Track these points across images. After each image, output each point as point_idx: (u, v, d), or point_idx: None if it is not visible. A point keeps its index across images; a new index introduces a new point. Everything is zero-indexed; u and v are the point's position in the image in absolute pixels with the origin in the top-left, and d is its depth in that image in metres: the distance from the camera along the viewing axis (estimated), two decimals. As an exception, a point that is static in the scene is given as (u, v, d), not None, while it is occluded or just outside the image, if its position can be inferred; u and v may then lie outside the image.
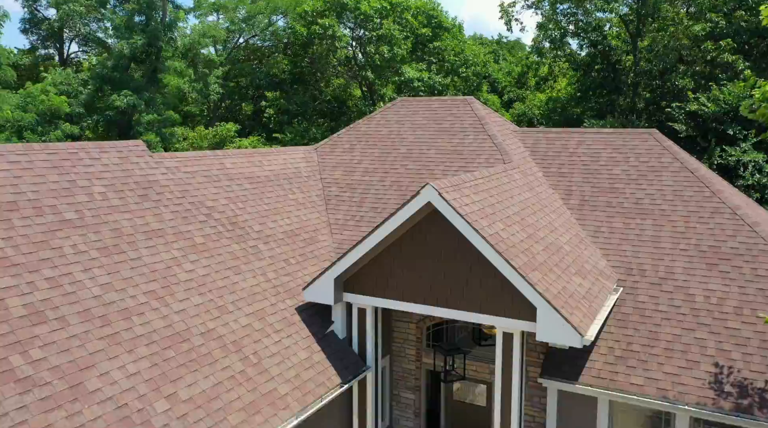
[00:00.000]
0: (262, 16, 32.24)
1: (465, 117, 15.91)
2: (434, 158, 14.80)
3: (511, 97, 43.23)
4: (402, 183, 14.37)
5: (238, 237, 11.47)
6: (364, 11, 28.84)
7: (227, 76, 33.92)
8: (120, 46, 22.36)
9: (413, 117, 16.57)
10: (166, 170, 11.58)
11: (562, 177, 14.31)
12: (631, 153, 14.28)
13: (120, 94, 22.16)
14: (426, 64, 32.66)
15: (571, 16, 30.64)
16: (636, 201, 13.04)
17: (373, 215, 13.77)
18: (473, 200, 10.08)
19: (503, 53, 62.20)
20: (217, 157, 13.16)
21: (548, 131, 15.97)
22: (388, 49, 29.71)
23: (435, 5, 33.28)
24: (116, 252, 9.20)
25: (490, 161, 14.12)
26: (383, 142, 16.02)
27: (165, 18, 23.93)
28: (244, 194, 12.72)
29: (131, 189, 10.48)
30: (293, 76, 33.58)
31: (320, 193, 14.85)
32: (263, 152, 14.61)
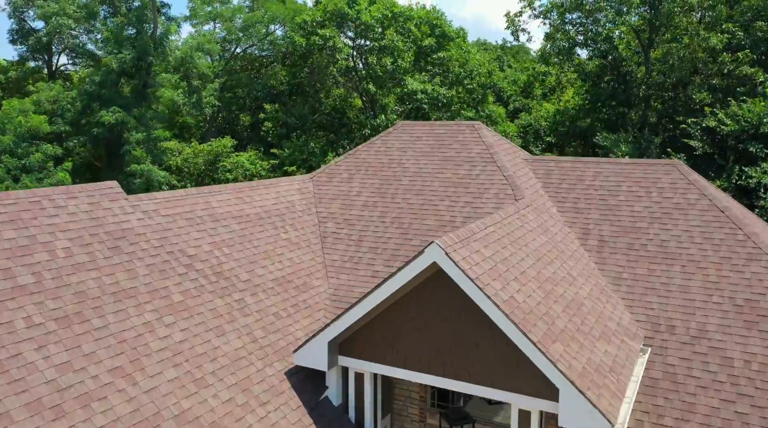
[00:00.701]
0: (260, 25, 31.14)
1: (472, 145, 14.77)
2: (439, 192, 13.66)
3: (517, 107, 42.05)
4: (404, 220, 13.23)
5: (222, 290, 10.34)
6: (365, 21, 27.71)
7: (224, 87, 32.85)
8: (108, 60, 21.26)
9: (416, 144, 15.44)
10: (143, 215, 10.46)
11: (578, 213, 13.16)
12: (654, 187, 13.13)
13: (109, 111, 21.08)
14: (429, 75, 31.52)
15: (580, 26, 29.47)
16: (660, 244, 11.88)
17: (372, 256, 12.64)
18: (484, 256, 8.94)
19: (508, 59, 61.04)
20: (202, 195, 12.03)
21: (561, 160, 14.82)
22: (391, 60, 28.57)
23: (438, 14, 32.14)
24: (78, 321, 8.08)
25: (499, 197, 12.97)
26: (384, 171, 14.89)
27: (156, 31, 22.83)
28: (231, 237, 11.60)
29: (101, 241, 9.36)
30: (292, 88, 32.47)
31: (315, 229, 13.72)
32: (254, 186, 13.49)
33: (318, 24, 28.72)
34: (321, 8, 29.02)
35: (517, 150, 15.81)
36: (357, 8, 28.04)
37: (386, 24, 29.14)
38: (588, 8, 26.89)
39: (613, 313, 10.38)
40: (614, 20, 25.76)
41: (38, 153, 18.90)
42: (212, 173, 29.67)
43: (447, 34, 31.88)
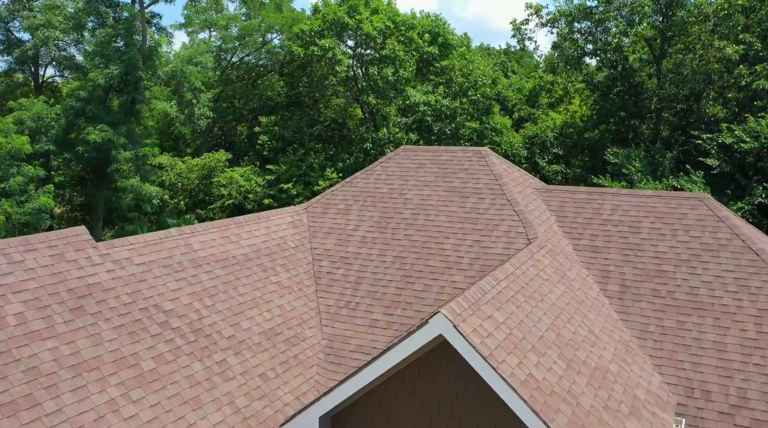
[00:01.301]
0: (256, 34, 30.02)
1: (479, 174, 13.64)
2: (444, 228, 12.52)
3: (522, 116, 40.85)
4: (406, 260, 12.09)
5: (202, 351, 9.22)
6: (366, 32, 26.58)
7: (219, 97, 31.73)
8: (94, 76, 20.17)
9: (418, 172, 14.31)
10: (114, 266, 9.35)
11: (597, 253, 12.02)
12: (679, 224, 11.98)
13: (95, 128, 19.98)
14: (432, 85, 30.39)
15: (588, 35, 28.31)
16: (690, 291, 10.74)
17: (370, 302, 11.50)
18: (497, 323, 7.81)
19: (512, 65, 59.85)
20: (183, 236, 10.91)
21: (576, 191, 13.68)
22: (392, 71, 27.43)
23: (441, 22, 31.00)
24: (27, 407, 6.96)
25: (510, 235, 11.83)
26: (384, 202, 13.76)
27: (145, 44, 21.71)
28: (214, 284, 10.47)
29: (61, 302, 8.26)
30: (289, 99, 31.36)
31: (309, 269, 12.59)
32: (242, 222, 12.36)
33: (317, 33, 27.60)
34: (320, 17, 27.93)
35: (528, 178, 14.67)
36: (358, 18, 26.92)
37: (388, 33, 28.03)
38: (597, 17, 25.74)
39: (642, 377, 9.24)
40: (626, 31, 24.61)
41: (19, 176, 17.80)
42: (206, 188, 28.58)
43: (450, 43, 30.75)
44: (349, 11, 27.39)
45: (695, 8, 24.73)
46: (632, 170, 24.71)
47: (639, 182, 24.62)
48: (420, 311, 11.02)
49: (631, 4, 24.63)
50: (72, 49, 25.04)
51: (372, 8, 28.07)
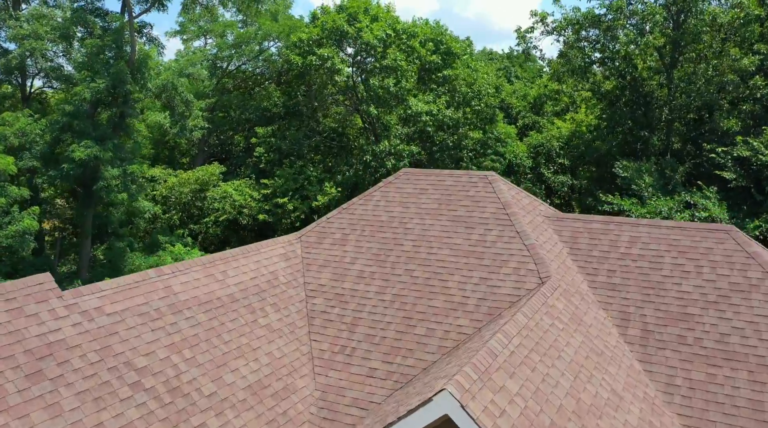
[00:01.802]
0: (253, 43, 29.08)
1: (486, 202, 12.66)
2: (448, 263, 11.54)
3: (527, 124, 39.85)
4: (406, 300, 11.11)
5: (178, 414, 8.25)
6: (366, 41, 25.62)
7: (215, 106, 30.81)
8: (79, 90, 19.24)
9: (420, 198, 13.34)
10: (81, 318, 8.40)
11: (614, 291, 11.04)
12: (704, 260, 11.00)
13: (81, 145, 19.05)
14: (434, 95, 29.41)
15: (596, 43, 27.32)
16: (720, 339, 9.75)
17: (368, 348, 10.52)
18: (510, 395, 6.83)
19: (515, 70, 58.85)
20: (163, 277, 9.94)
21: (590, 219, 12.69)
22: (394, 81, 26.47)
23: (444, 30, 30.04)
24: (-34, 502, 6.00)
25: (520, 273, 10.84)
26: (383, 232, 12.79)
27: (134, 55, 20.75)
28: (196, 332, 9.51)
29: (16, 366, 7.30)
30: (287, 108, 30.43)
31: (302, 307, 11.62)
32: (228, 258, 11.39)
33: (315, 42, 26.65)
34: (319, 25, 26.97)
35: (537, 204, 13.68)
36: (358, 26, 25.96)
37: (389, 42, 27.07)
38: (606, 25, 24.75)
39: (670, 444, 8.26)
40: (636, 39, 23.60)
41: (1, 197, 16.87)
42: (199, 202, 27.64)
43: (453, 52, 29.78)
44: (348, 19, 26.43)
45: (709, 16, 23.73)
46: (642, 186, 23.71)
47: (650, 198, 23.63)
48: (422, 359, 10.05)
49: (641, 12, 23.64)
50: (61, 60, 24.16)
51: (372, 16, 27.11)
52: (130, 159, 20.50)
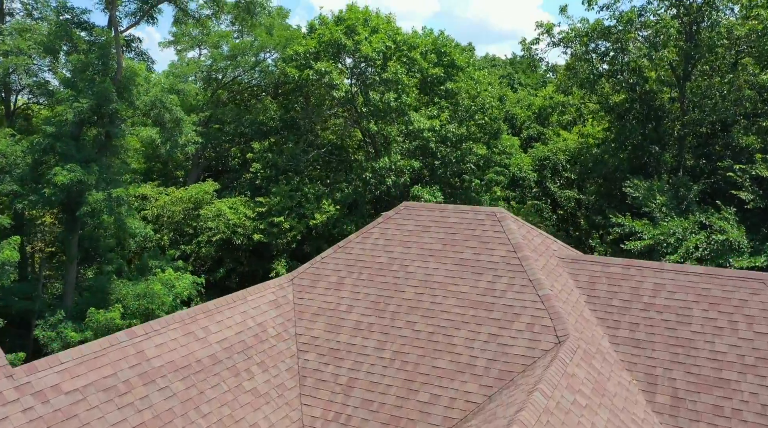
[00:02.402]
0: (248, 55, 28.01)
1: (494, 243, 11.58)
2: (453, 315, 10.46)
3: (531, 135, 38.76)
4: (408, 357, 10.03)
5: None
6: (365, 54, 24.54)
7: (210, 119, 29.72)
8: (62, 109, 18.19)
9: (422, 237, 12.26)
10: (34, 400, 7.33)
11: (639, 349, 9.95)
12: (739, 314, 9.92)
13: (64, 168, 18.01)
14: (437, 109, 28.32)
15: (605, 55, 26.22)
16: (761, 411, 8.67)
17: (365, 416, 9.44)
18: None
19: (518, 77, 57.78)
20: (134, 340, 8.87)
21: (608, 262, 11.60)
22: (394, 96, 25.39)
23: (447, 41, 28.95)
24: None
25: (534, 330, 9.76)
26: (382, 276, 11.71)
27: (120, 72, 19.67)
28: (170, 406, 8.43)
29: (-49, 472, 6.22)
30: (284, 122, 29.37)
31: (293, 364, 10.54)
32: (210, 311, 10.31)
33: (312, 55, 25.57)
34: (316, 37, 25.90)
35: (550, 243, 12.59)
36: (356, 38, 24.88)
37: (389, 54, 25.99)
38: (616, 37, 23.66)
39: None
40: (649, 54, 22.50)
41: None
42: (192, 221, 26.57)
43: (456, 64, 28.69)
44: (346, 31, 25.35)
45: (725, 29, 22.63)
46: (654, 207, 22.62)
47: (663, 219, 22.53)
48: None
49: (654, 25, 22.54)
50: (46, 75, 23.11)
51: (371, 27, 26.04)
52: (117, 181, 19.44)
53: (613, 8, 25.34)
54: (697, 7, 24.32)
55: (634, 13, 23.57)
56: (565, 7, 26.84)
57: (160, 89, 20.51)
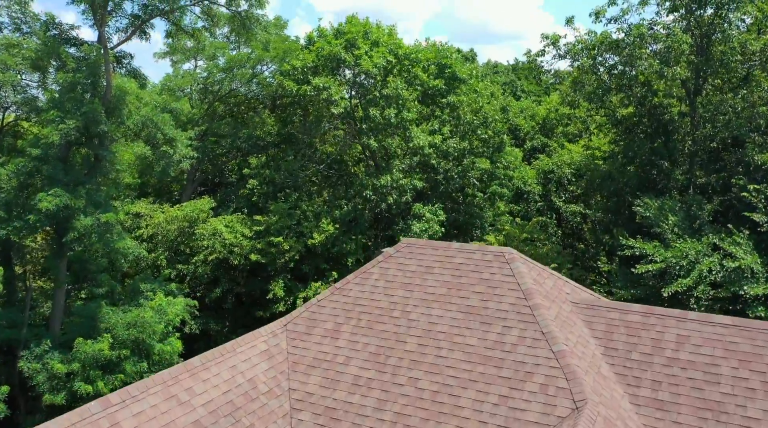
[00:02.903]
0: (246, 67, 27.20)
1: (503, 288, 10.75)
2: (461, 373, 9.63)
3: (535, 146, 37.92)
4: (410, 422, 9.20)
5: None
6: (366, 69, 23.70)
7: (206, 133, 28.88)
8: (48, 132, 17.39)
9: (426, 279, 11.44)
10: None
11: (663, 412, 9.12)
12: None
13: (49, 193, 17.20)
14: (438, 123, 27.50)
15: (612, 69, 25.37)
16: (802, 491, 7.82)
17: (364, 490, 8.62)
18: None
19: (521, 83, 56.92)
20: (108, 410, 8.05)
21: (627, 309, 10.78)
22: (395, 112, 24.57)
23: (449, 52, 28.09)
24: None
25: (549, 392, 8.93)
26: (382, 323, 10.89)
27: (109, 92, 18.86)
28: (147, 488, 7.60)
29: None
30: (282, 136, 28.56)
31: (285, 424, 9.71)
32: (196, 368, 9.49)
33: (310, 69, 24.75)
34: (314, 51, 25.07)
35: (562, 285, 11.77)
36: (357, 52, 24.05)
37: (389, 68, 25.15)
38: (627, 52, 22.79)
39: None
40: (661, 71, 21.65)
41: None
42: (187, 241, 25.75)
43: (458, 76, 27.86)
44: (346, 45, 24.53)
45: (738, 44, 21.78)
46: (665, 228, 21.77)
47: (675, 240, 21.69)
48: None
49: (666, 40, 21.67)
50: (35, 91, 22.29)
51: (372, 40, 25.21)
52: (107, 205, 18.62)
53: (621, 21, 24.54)
54: (708, 19, 23.50)
55: (644, 27, 22.72)
56: (571, 18, 25.99)
57: (152, 108, 19.70)
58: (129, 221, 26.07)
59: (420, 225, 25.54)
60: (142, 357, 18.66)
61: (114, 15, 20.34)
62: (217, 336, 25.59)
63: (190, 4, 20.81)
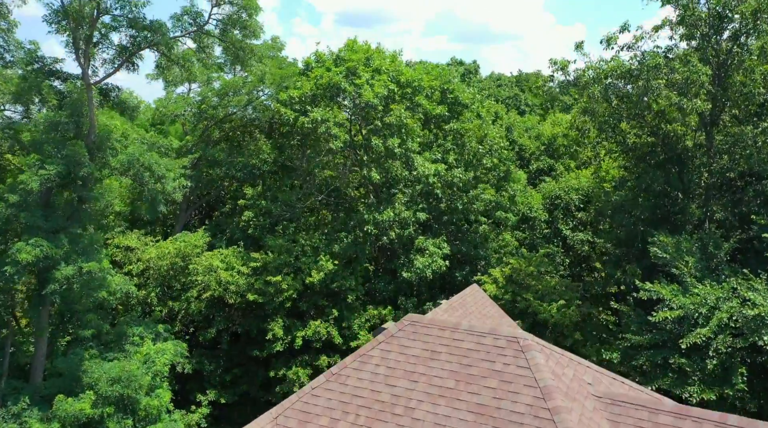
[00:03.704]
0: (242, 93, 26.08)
1: (518, 383, 9.62)
2: (471, 492, 8.49)
3: (541, 168, 36.77)
4: None
5: None
6: (368, 100, 22.55)
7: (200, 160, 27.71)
8: (25, 178, 16.27)
9: (431, 367, 10.31)
10: None
11: None
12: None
13: (28, 243, 16.09)
14: (441, 151, 26.38)
15: (625, 97, 24.23)
16: None
17: None
18: None
19: (525, 97, 55.80)
20: None
21: (656, 409, 9.62)
22: (398, 142, 23.46)
23: (452, 76, 26.98)
24: None
25: None
26: (383, 420, 9.75)
27: (93, 131, 17.75)
28: None
29: None
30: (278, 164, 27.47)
31: None
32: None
33: (308, 99, 23.63)
34: (312, 80, 23.93)
35: (583, 372, 10.62)
36: (358, 81, 22.90)
37: (392, 96, 24.00)
38: (642, 83, 21.59)
39: None
40: (679, 103, 20.49)
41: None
42: (180, 277, 24.61)
43: (461, 101, 26.74)
44: (347, 74, 23.40)
45: (761, 76, 20.65)
46: (684, 271, 20.63)
47: (693, 284, 20.55)
48: None
49: (683, 72, 20.50)
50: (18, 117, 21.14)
51: (373, 68, 24.08)
52: (91, 251, 17.50)
53: (635, 48, 23.44)
54: (726, 47, 22.38)
55: (660, 57, 21.57)
56: (581, 43, 24.86)
57: (139, 146, 18.58)
58: (119, 254, 24.95)
59: (423, 260, 24.45)
60: (127, 413, 17.53)
61: (101, 46, 19.23)
62: (211, 377, 24.46)
63: (180, 36, 19.69)
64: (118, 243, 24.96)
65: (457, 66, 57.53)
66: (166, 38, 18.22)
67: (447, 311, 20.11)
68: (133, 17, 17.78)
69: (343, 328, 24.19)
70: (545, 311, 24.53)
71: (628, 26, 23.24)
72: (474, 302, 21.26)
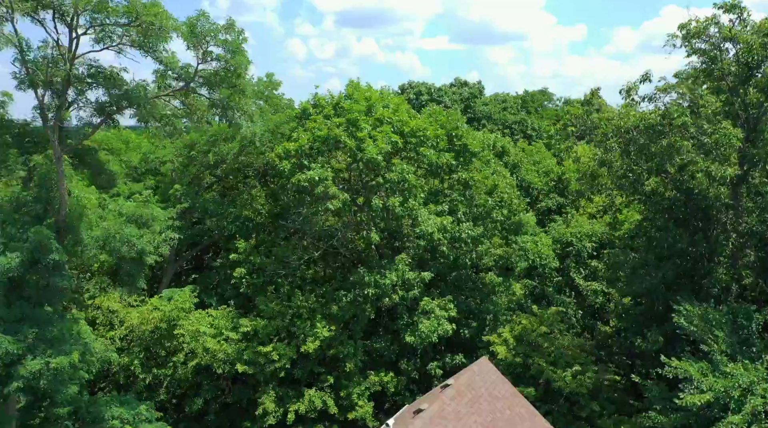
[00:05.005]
0: (233, 141, 24.37)
1: None
2: None
3: (549, 207, 34.94)
4: None
5: None
6: (370, 157, 20.81)
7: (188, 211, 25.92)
8: (-17, 269, 14.50)
9: None
10: None
11: None
12: None
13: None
14: (448, 203, 24.60)
15: (644, 151, 22.45)
16: None
17: None
18: None
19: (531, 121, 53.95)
20: None
21: None
22: (399, 201, 21.75)
23: (459, 122, 25.15)
24: None
25: None
26: None
27: (64, 208, 16.00)
28: None
29: None
30: (272, 216, 25.70)
31: None
32: None
33: (305, 153, 21.87)
34: (310, 132, 22.15)
35: None
36: (360, 134, 21.14)
37: (395, 151, 22.27)
38: (667, 142, 19.85)
39: None
40: (707, 169, 18.81)
41: None
42: (165, 341, 22.80)
43: (469, 148, 24.98)
44: (347, 126, 21.65)
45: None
46: (715, 347, 18.88)
47: (724, 362, 18.80)
48: None
49: (713, 132, 18.78)
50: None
51: (376, 117, 22.33)
52: (60, 341, 15.73)
53: (656, 99, 21.73)
54: (756, 100, 20.69)
55: (686, 115, 19.82)
56: (596, 90, 23.15)
57: (116, 219, 16.83)
58: (101, 316, 23.17)
59: (429, 323, 22.73)
60: None
61: (76, 105, 17.47)
62: (198, 452, 22.70)
63: (165, 94, 17.97)
64: (98, 304, 23.19)
65: (461, 88, 55.84)
66: (145, 98, 16.50)
67: (455, 399, 18.38)
68: (111, 78, 16.07)
69: (341, 398, 22.44)
70: (559, 379, 22.80)
71: (649, 76, 21.53)
72: (483, 383, 19.54)
